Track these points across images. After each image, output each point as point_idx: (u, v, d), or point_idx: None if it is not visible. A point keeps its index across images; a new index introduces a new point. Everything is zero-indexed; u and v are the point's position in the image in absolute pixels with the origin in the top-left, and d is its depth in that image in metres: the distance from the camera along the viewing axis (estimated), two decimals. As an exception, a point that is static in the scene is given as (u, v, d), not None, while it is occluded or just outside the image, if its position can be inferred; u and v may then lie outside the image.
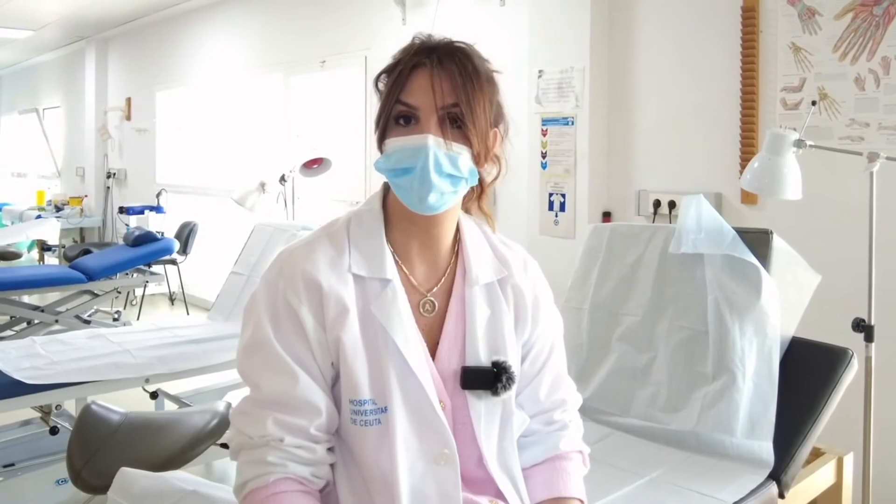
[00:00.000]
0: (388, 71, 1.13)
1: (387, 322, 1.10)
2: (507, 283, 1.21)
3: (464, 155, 1.09)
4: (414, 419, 1.10)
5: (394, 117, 1.10)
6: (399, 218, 1.17)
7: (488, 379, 1.14)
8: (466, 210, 1.25)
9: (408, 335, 1.11)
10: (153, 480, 1.45)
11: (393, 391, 1.09)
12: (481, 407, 1.15)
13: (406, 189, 1.09)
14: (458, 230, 1.21)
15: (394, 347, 1.09)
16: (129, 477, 1.47)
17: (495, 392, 1.14)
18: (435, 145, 1.06)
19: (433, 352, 1.15)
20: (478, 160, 1.11)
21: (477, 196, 1.24)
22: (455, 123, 1.09)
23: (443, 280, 1.18)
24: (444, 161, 1.07)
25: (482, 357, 1.15)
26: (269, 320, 1.10)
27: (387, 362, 1.09)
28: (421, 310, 1.16)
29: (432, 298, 1.17)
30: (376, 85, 1.15)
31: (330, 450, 1.12)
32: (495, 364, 1.14)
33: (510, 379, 1.14)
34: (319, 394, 1.09)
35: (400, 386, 1.09)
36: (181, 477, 1.48)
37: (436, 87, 1.07)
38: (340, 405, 1.12)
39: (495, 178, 1.20)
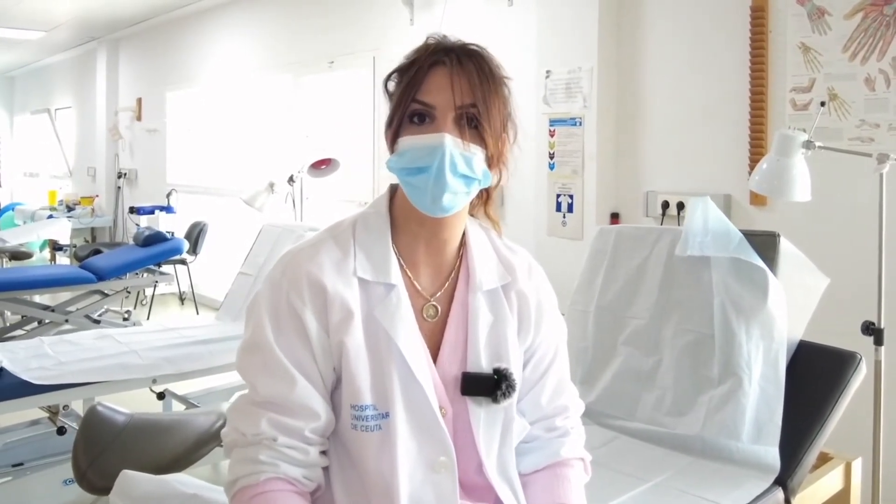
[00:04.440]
0: (402, 70, 1.12)
1: (391, 327, 1.09)
2: (511, 288, 1.20)
3: (478, 156, 1.08)
4: (415, 425, 1.09)
5: (408, 115, 1.09)
6: (406, 221, 1.16)
7: (489, 386, 1.13)
8: (472, 215, 1.24)
9: (411, 340, 1.10)
10: (154, 483, 1.45)
11: (395, 397, 1.08)
12: (481, 414, 1.14)
13: (420, 189, 1.07)
14: (463, 235, 1.20)
15: (397, 352, 1.09)
16: (131, 480, 1.47)
17: (495, 399, 1.12)
18: (452, 144, 1.05)
19: (434, 357, 1.14)
20: (491, 162, 1.11)
21: (483, 201, 1.23)
22: (471, 123, 1.08)
23: (446, 285, 1.17)
24: (460, 161, 1.06)
25: (483, 363, 1.14)
26: (271, 322, 1.09)
27: (390, 367, 1.08)
28: (424, 315, 1.15)
29: (435, 303, 1.16)
30: (385, 85, 1.14)
31: (323, 453, 1.11)
32: (496, 371, 1.13)
33: (510, 386, 1.13)
34: (317, 399, 1.08)
35: (402, 391, 1.08)
36: (183, 480, 1.48)
37: (455, 85, 1.06)
38: (340, 410, 1.11)
39: (497, 183, 1.19)
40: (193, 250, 5.87)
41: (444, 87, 1.07)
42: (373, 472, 1.08)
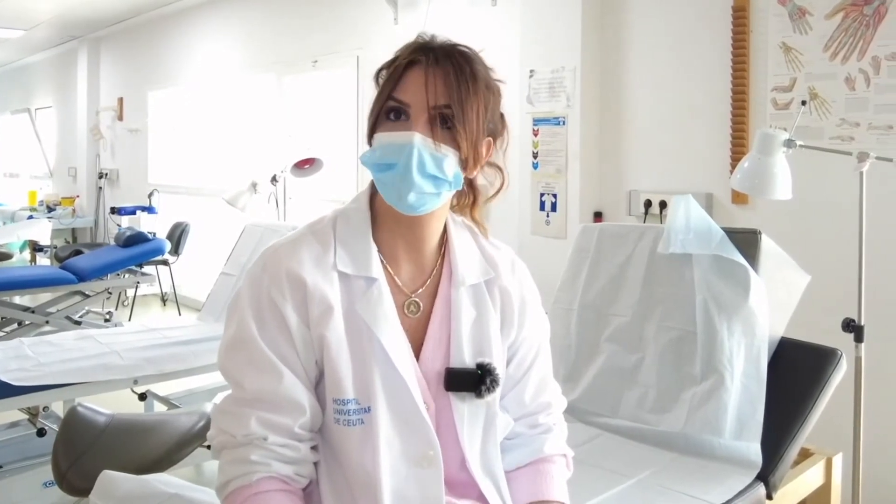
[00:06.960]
0: (387, 66, 1.12)
1: (372, 321, 1.09)
2: (493, 284, 1.20)
3: (450, 158, 1.07)
4: (397, 420, 1.09)
5: (385, 112, 1.09)
6: (385, 217, 1.15)
7: (472, 381, 1.12)
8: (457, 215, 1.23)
9: (393, 335, 1.10)
10: (136, 483, 1.44)
11: (377, 391, 1.08)
12: (465, 409, 1.13)
13: (387, 185, 1.08)
14: (445, 231, 1.20)
15: (378, 347, 1.08)
16: (112, 480, 1.46)
17: (479, 394, 1.12)
18: (421, 144, 1.05)
19: (417, 353, 1.14)
20: (466, 165, 1.09)
21: (470, 204, 1.22)
22: (445, 124, 1.07)
23: (428, 281, 1.17)
24: (429, 161, 1.05)
25: (466, 359, 1.14)
26: (254, 317, 1.09)
27: (371, 362, 1.08)
28: (405, 311, 1.15)
29: (417, 299, 1.16)
30: (377, 79, 1.14)
31: (314, 448, 1.11)
32: (480, 366, 1.13)
33: (494, 381, 1.13)
34: (304, 392, 1.08)
35: (384, 386, 1.08)
36: (164, 480, 1.47)
37: (429, 85, 1.06)
38: (324, 405, 1.11)
39: (498, 191, 1.18)
40: (175, 251, 5.83)
41: (419, 87, 1.06)
42: (356, 466, 1.08)
